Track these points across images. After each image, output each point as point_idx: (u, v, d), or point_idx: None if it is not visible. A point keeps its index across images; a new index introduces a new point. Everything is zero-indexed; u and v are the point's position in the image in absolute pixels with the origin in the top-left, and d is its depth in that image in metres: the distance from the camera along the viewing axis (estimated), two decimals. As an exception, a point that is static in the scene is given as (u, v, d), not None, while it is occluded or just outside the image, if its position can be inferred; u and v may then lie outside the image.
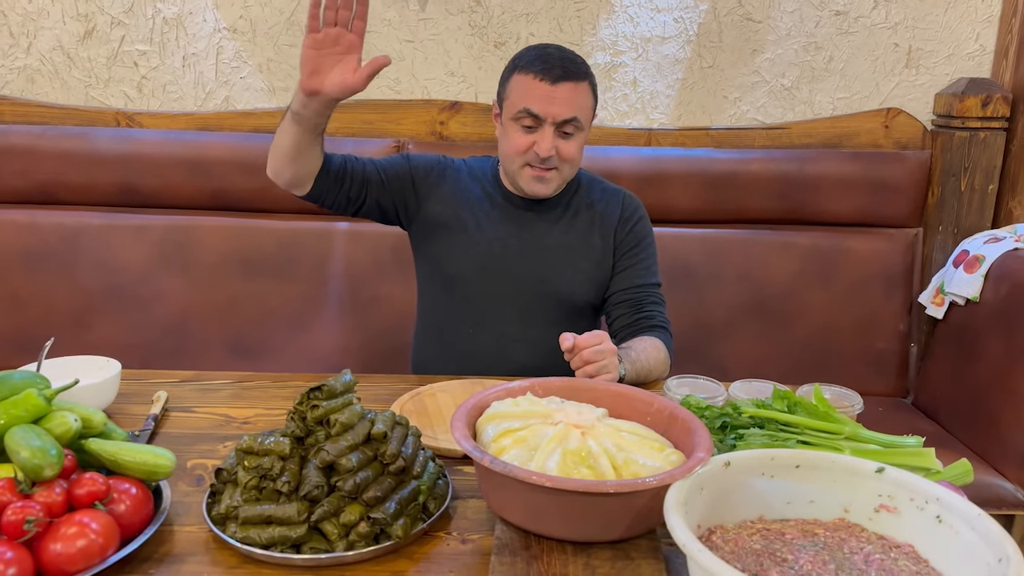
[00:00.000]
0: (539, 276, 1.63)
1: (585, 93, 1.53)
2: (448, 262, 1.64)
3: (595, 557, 0.88)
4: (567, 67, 1.50)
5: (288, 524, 0.92)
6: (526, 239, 1.64)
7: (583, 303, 1.67)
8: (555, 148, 1.52)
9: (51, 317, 2.17)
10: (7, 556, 0.82)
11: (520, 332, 1.63)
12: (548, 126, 1.51)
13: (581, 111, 1.52)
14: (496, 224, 1.64)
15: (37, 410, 0.95)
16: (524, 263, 1.63)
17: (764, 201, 2.23)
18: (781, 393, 1.14)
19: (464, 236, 1.63)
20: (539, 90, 1.50)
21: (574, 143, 1.55)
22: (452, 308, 1.67)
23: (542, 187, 1.58)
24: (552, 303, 1.64)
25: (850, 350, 2.25)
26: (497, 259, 1.62)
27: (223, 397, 1.41)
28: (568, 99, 1.50)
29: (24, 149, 2.16)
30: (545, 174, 1.56)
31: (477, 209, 1.65)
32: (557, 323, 1.62)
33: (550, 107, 1.50)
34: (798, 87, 2.26)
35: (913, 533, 0.88)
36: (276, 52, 2.21)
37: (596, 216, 1.67)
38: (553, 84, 1.49)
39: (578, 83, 1.51)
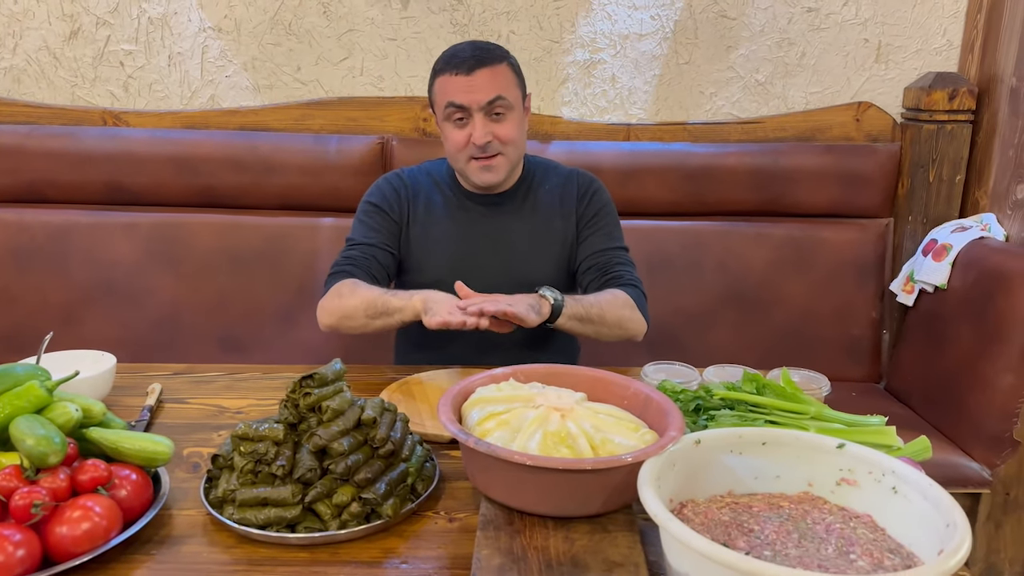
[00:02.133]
0: (509, 269, 1.67)
1: (504, 74, 1.57)
2: (422, 272, 1.68)
3: (574, 531, 0.93)
4: (478, 55, 1.55)
5: (283, 505, 0.97)
6: (492, 235, 1.68)
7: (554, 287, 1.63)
8: (491, 132, 1.56)
9: (43, 314, 2.20)
10: (16, 538, 0.86)
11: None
12: (476, 113, 1.55)
13: (504, 90, 1.56)
14: (461, 226, 1.68)
15: (39, 401, 0.99)
16: (493, 259, 1.67)
17: (740, 193, 2.29)
18: (750, 376, 1.20)
19: (435, 247, 1.68)
20: (458, 84, 1.55)
21: (508, 124, 1.58)
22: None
23: (491, 175, 1.61)
24: (525, 291, 1.61)
25: (825, 337, 2.31)
26: (467, 260, 1.66)
27: (216, 388, 1.46)
28: (487, 82, 1.55)
29: (12, 149, 2.18)
30: (490, 162, 1.60)
31: (443, 217, 1.69)
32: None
33: (471, 95, 1.54)
34: (772, 82, 2.32)
35: (872, 504, 0.94)
36: (260, 51, 2.24)
37: (555, 199, 1.72)
38: (469, 74, 1.54)
39: (494, 66, 1.56)
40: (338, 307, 1.55)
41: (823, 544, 0.88)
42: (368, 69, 2.26)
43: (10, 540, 0.86)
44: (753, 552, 0.86)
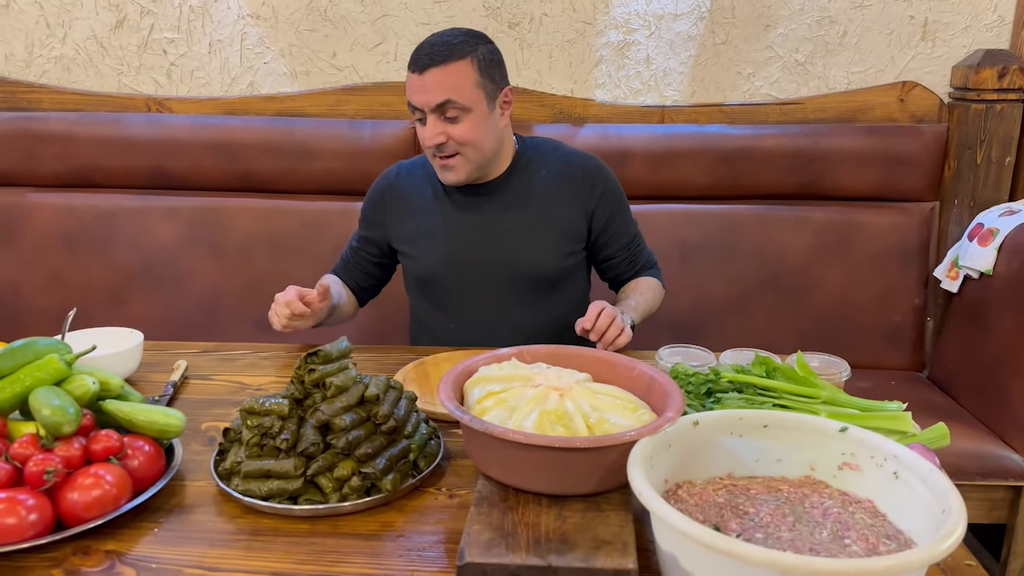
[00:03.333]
0: (506, 259, 1.64)
1: (459, 73, 1.50)
2: (417, 267, 1.70)
3: (568, 508, 0.93)
4: (433, 53, 1.49)
5: (286, 478, 0.99)
6: (484, 226, 1.65)
7: (555, 275, 1.67)
8: (444, 133, 1.52)
9: (89, 294, 2.28)
10: (29, 503, 0.90)
11: (500, 318, 1.66)
12: (428, 114, 1.52)
13: (455, 92, 1.49)
14: (453, 218, 1.66)
15: (58, 373, 1.04)
16: (488, 249, 1.64)
17: (778, 176, 2.24)
18: (761, 359, 1.18)
19: (428, 241, 1.67)
20: (412, 83, 1.52)
21: (464, 126, 1.52)
22: (432, 308, 1.72)
23: (450, 175, 1.59)
24: (523, 283, 1.65)
25: (866, 325, 2.26)
26: (461, 252, 1.65)
27: (240, 366, 1.49)
28: (437, 84, 1.49)
29: (62, 135, 2.26)
30: (448, 162, 1.56)
31: (432, 211, 1.68)
32: (534, 301, 1.67)
33: (421, 96, 1.51)
34: (812, 62, 2.26)
35: (873, 489, 0.92)
36: (297, 37, 2.28)
37: (554, 187, 1.66)
38: (421, 74, 1.50)
39: (448, 65, 1.49)
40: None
41: (818, 528, 0.86)
42: (402, 54, 2.27)
43: (23, 504, 0.90)
44: (744, 534, 0.85)
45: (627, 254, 1.74)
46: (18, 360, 1.04)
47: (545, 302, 1.68)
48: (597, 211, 1.68)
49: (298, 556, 0.91)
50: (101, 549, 0.92)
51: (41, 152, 2.27)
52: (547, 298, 1.68)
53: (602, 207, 1.68)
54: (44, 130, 2.26)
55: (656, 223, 2.24)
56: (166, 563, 0.90)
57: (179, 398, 1.35)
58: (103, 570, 0.89)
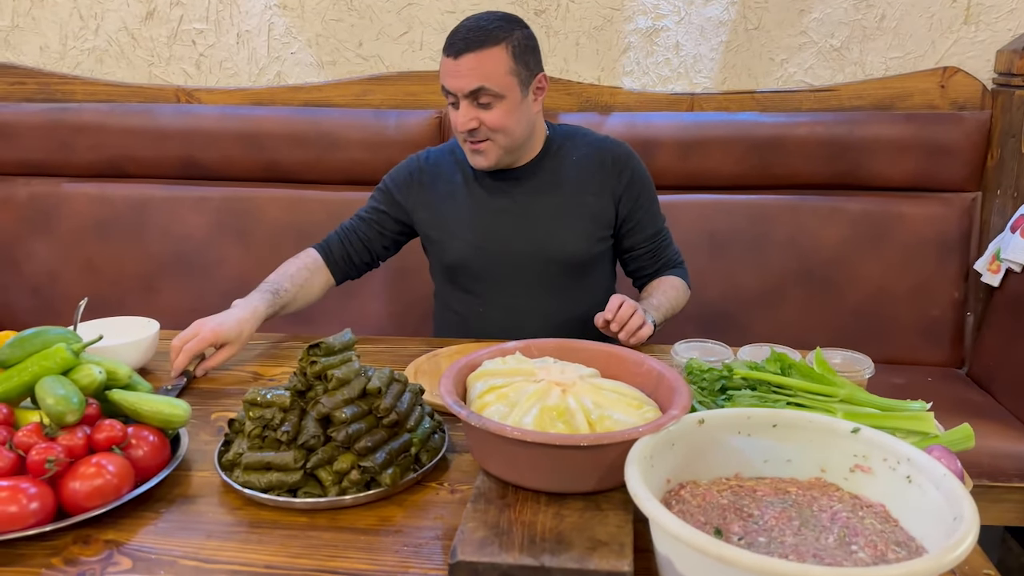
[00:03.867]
0: (535, 244, 1.64)
1: (494, 59, 1.49)
2: (446, 253, 1.68)
3: (566, 507, 0.91)
4: (469, 38, 1.48)
5: (285, 470, 0.99)
6: (515, 210, 1.65)
7: (584, 260, 1.67)
8: (476, 119, 1.52)
9: (122, 282, 2.32)
10: (30, 491, 0.91)
11: (528, 303, 1.65)
12: (461, 99, 1.52)
13: (489, 78, 1.49)
14: (483, 204, 1.66)
15: (65, 362, 1.04)
16: (518, 235, 1.64)
17: (812, 166, 2.18)
18: (776, 355, 1.14)
19: (456, 225, 1.66)
20: (447, 67, 1.52)
21: (496, 112, 1.52)
22: (460, 294, 1.71)
23: (480, 159, 1.58)
24: (553, 268, 1.65)
25: (903, 319, 2.19)
26: (491, 237, 1.64)
27: (256, 356, 1.50)
28: (471, 70, 1.48)
29: (95, 126, 2.30)
30: (479, 146, 1.56)
31: (462, 196, 1.67)
32: (563, 286, 1.67)
33: (455, 81, 1.50)
34: (848, 47, 2.18)
35: (886, 493, 0.88)
36: (324, 27, 2.28)
37: (584, 172, 1.66)
38: (456, 58, 1.49)
39: (483, 51, 1.48)
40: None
41: (824, 533, 0.83)
42: (428, 43, 2.26)
43: (25, 493, 0.91)
44: (747, 537, 0.83)
45: (651, 247, 1.71)
46: (27, 349, 1.05)
47: (573, 288, 1.68)
48: (624, 196, 1.67)
49: (293, 549, 0.90)
50: (101, 538, 0.93)
51: (75, 142, 2.30)
52: (576, 284, 1.68)
53: (629, 193, 1.67)
54: (78, 121, 2.30)
55: (685, 214, 2.20)
56: (163, 554, 0.90)
57: (193, 387, 1.35)
58: (101, 559, 0.89)
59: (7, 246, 2.33)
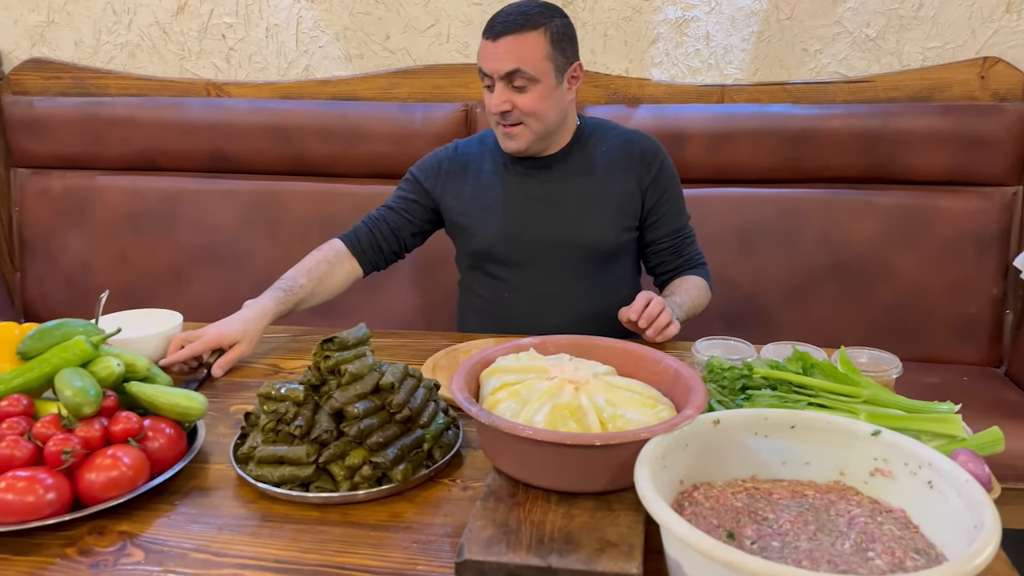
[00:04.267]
0: (562, 231, 1.64)
1: (532, 43, 1.51)
2: (473, 239, 1.69)
3: (577, 507, 0.90)
4: (509, 21, 1.51)
5: (298, 464, 0.99)
6: (545, 197, 1.65)
7: (611, 249, 1.67)
8: (509, 102, 1.54)
9: (154, 274, 2.35)
10: (47, 482, 0.92)
11: (553, 290, 1.65)
12: (497, 81, 1.54)
13: (525, 61, 1.51)
14: (511, 191, 1.66)
15: (84, 355, 1.06)
16: (545, 222, 1.64)
17: (845, 159, 2.13)
18: (798, 354, 1.11)
19: (484, 213, 1.67)
20: (485, 49, 1.54)
21: (530, 95, 1.54)
22: (485, 279, 1.72)
23: (511, 143, 1.60)
24: (580, 256, 1.65)
25: (938, 316, 2.13)
26: (518, 224, 1.65)
27: (278, 349, 1.51)
28: (509, 52, 1.51)
29: (127, 120, 2.33)
30: (511, 130, 1.58)
31: (490, 183, 1.68)
32: (588, 275, 1.67)
33: (492, 63, 1.52)
34: (884, 37, 2.13)
35: (906, 498, 0.86)
36: (352, 20, 2.28)
37: (613, 162, 1.67)
38: (495, 40, 1.52)
39: (522, 35, 1.51)
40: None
41: (841, 538, 0.81)
42: (454, 35, 2.25)
43: (42, 483, 0.92)
44: (760, 541, 0.81)
45: (674, 242, 1.71)
46: (48, 341, 1.07)
47: (598, 278, 1.68)
48: (651, 188, 1.68)
49: (303, 544, 0.90)
50: (116, 529, 0.93)
51: (108, 136, 2.34)
52: (601, 274, 1.68)
53: (656, 184, 1.68)
54: (111, 115, 2.33)
55: (714, 208, 2.17)
56: (175, 546, 0.90)
57: (213, 380, 1.36)
58: (115, 550, 0.90)
59: (43, 238, 2.38)
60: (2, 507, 0.90)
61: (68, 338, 1.07)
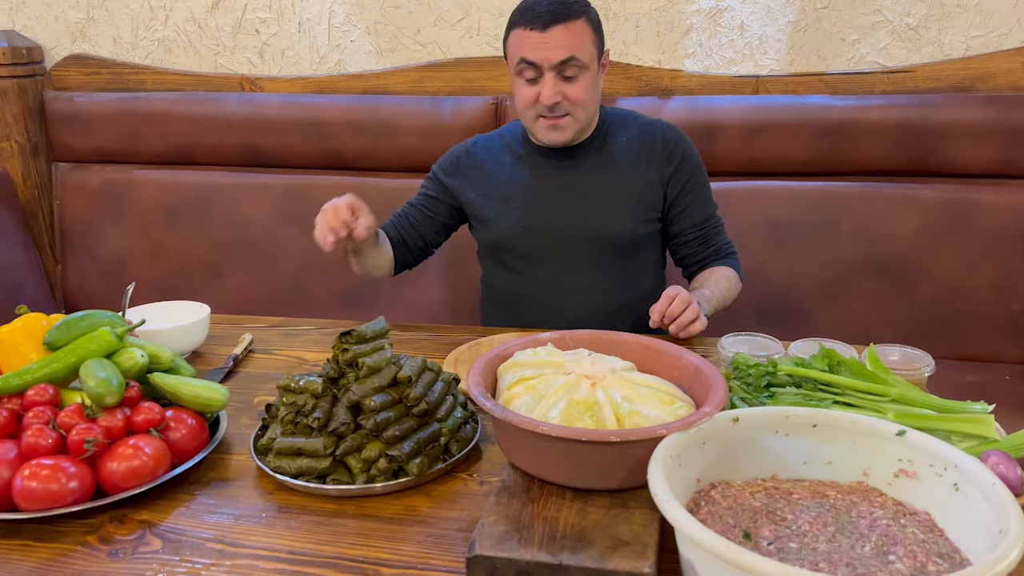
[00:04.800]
0: (583, 223, 1.63)
1: (580, 31, 1.51)
2: (492, 232, 1.68)
3: (591, 504, 0.89)
4: (555, 10, 1.49)
5: (315, 456, 0.99)
6: (564, 189, 1.64)
7: (632, 242, 1.65)
8: (560, 93, 1.52)
9: (189, 267, 2.39)
10: (70, 470, 0.94)
11: (574, 282, 1.64)
12: (547, 72, 1.51)
13: (578, 49, 1.50)
14: (532, 183, 1.65)
15: (109, 346, 1.07)
16: (566, 214, 1.63)
17: (884, 151, 2.08)
18: (825, 351, 1.09)
19: (503, 207, 1.66)
20: (531, 39, 1.50)
21: (579, 84, 1.52)
22: (505, 273, 1.71)
23: (557, 135, 1.58)
24: (600, 248, 1.64)
25: (980, 313, 2.07)
26: (539, 217, 1.64)
27: (303, 341, 1.52)
28: (561, 41, 1.49)
29: (163, 114, 2.36)
30: (558, 122, 1.56)
31: (511, 176, 1.67)
32: (609, 267, 1.65)
33: (543, 52, 1.49)
34: (925, 26, 2.07)
35: (931, 501, 0.83)
36: (383, 14, 2.28)
37: (634, 153, 1.65)
38: (543, 31, 1.49)
39: (570, 23, 1.49)
40: None
41: (861, 541, 0.79)
42: (484, 28, 2.24)
43: (65, 471, 0.94)
44: (777, 543, 0.79)
45: (700, 233, 1.68)
46: (74, 332, 1.08)
47: (620, 270, 1.67)
48: (673, 178, 1.66)
49: (318, 536, 0.91)
50: (136, 518, 0.95)
51: (145, 131, 2.37)
52: (622, 266, 1.67)
53: (679, 175, 1.66)
54: (147, 110, 2.37)
55: (747, 201, 2.13)
56: (192, 535, 0.91)
57: (239, 371, 1.38)
58: (134, 539, 0.91)
59: (82, 231, 2.42)
60: (26, 494, 0.92)
61: (93, 329, 1.09)
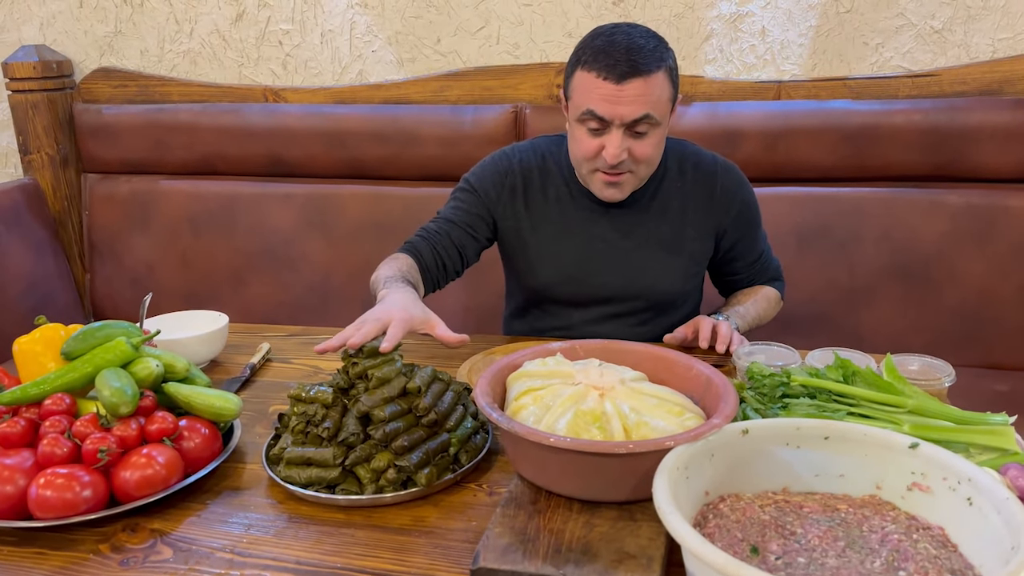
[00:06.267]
0: (631, 279, 1.55)
1: (659, 85, 1.35)
2: (531, 276, 1.58)
3: (598, 516, 0.88)
4: (634, 61, 1.32)
5: (324, 466, 1.00)
6: (611, 239, 1.54)
7: (678, 298, 1.60)
8: (626, 151, 1.38)
9: (214, 275, 2.42)
10: (84, 479, 0.95)
11: (612, 333, 1.52)
12: (616, 128, 1.36)
13: (655, 106, 1.35)
14: (577, 227, 1.54)
15: (125, 355, 1.09)
16: (611, 266, 1.54)
17: (909, 156, 2.04)
18: (840, 361, 1.07)
19: (545, 248, 1.55)
20: (603, 90, 1.34)
21: (649, 142, 1.39)
22: (538, 314, 1.64)
23: (614, 192, 1.45)
24: (643, 303, 1.57)
25: (1009, 321, 2.03)
26: (582, 266, 1.54)
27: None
28: (638, 97, 1.33)
29: (188, 125, 2.40)
30: (617, 179, 1.43)
31: (555, 215, 1.55)
32: (648, 323, 1.60)
33: (616, 108, 1.34)
34: (951, 29, 2.03)
35: (945, 515, 0.81)
36: (404, 24, 2.29)
37: (688, 202, 1.55)
38: (619, 84, 1.33)
39: (649, 76, 1.33)
40: (373, 276, 1.44)
41: (871, 556, 0.77)
42: (504, 37, 2.24)
43: (79, 480, 0.95)
44: (785, 557, 0.78)
45: (750, 272, 1.66)
46: (90, 342, 1.10)
47: (659, 324, 1.59)
48: (729, 232, 1.59)
49: (326, 547, 0.91)
50: (148, 527, 0.96)
51: (170, 141, 2.41)
52: (662, 320, 1.60)
53: (734, 229, 1.59)
54: (173, 121, 2.40)
55: (770, 207, 2.08)
56: (202, 545, 0.92)
57: (256, 380, 1.39)
58: (146, 548, 0.92)
59: (110, 240, 2.47)
60: (41, 503, 0.93)
61: (110, 339, 1.11)
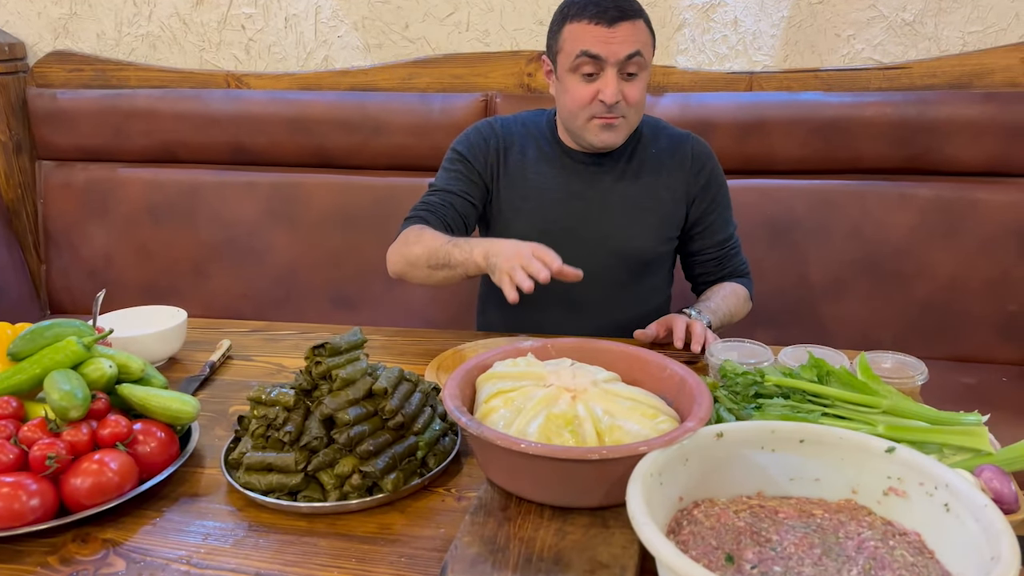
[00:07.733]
0: (604, 235, 1.57)
1: (643, 30, 1.46)
2: (506, 232, 1.57)
3: (570, 523, 0.86)
4: (621, 6, 1.44)
5: (286, 472, 0.96)
6: (589, 197, 1.58)
7: (649, 259, 1.62)
8: (620, 92, 1.45)
9: (175, 267, 2.35)
10: (31, 488, 0.90)
11: (587, 295, 1.53)
12: (610, 68, 1.44)
13: (644, 47, 1.45)
14: (556, 185, 1.58)
15: (75, 356, 1.04)
16: (588, 223, 1.57)
17: (879, 149, 2.04)
18: (814, 361, 1.05)
19: (524, 204, 1.59)
20: (595, 33, 1.43)
21: (638, 85, 1.47)
22: None
23: (611, 135, 1.50)
24: (618, 262, 1.59)
25: (977, 314, 2.04)
26: (560, 223, 1.57)
27: (283, 347, 1.48)
28: (628, 36, 1.43)
29: (147, 112, 2.32)
30: (613, 121, 1.49)
31: (533, 173, 1.59)
32: (623, 284, 1.61)
33: (611, 47, 1.43)
34: (921, 21, 2.03)
35: (922, 521, 0.80)
36: (371, 9, 2.24)
37: (661, 166, 1.60)
38: (610, 26, 1.43)
39: (635, 21, 1.44)
40: (404, 254, 1.47)
41: (848, 564, 0.76)
42: (474, 24, 2.20)
43: (25, 489, 0.90)
44: (761, 566, 0.76)
45: (718, 253, 1.65)
46: (39, 342, 1.05)
47: (633, 287, 1.63)
48: (699, 198, 1.62)
49: (287, 556, 0.87)
50: (100, 537, 0.91)
51: (129, 128, 2.33)
52: (635, 283, 1.63)
53: (704, 194, 1.63)
54: (131, 107, 2.32)
55: (742, 200, 2.06)
56: (156, 556, 0.88)
57: (215, 379, 1.34)
58: (97, 559, 0.88)
59: (66, 230, 2.39)
60: (-15, 513, 0.88)
61: (60, 339, 1.06)
